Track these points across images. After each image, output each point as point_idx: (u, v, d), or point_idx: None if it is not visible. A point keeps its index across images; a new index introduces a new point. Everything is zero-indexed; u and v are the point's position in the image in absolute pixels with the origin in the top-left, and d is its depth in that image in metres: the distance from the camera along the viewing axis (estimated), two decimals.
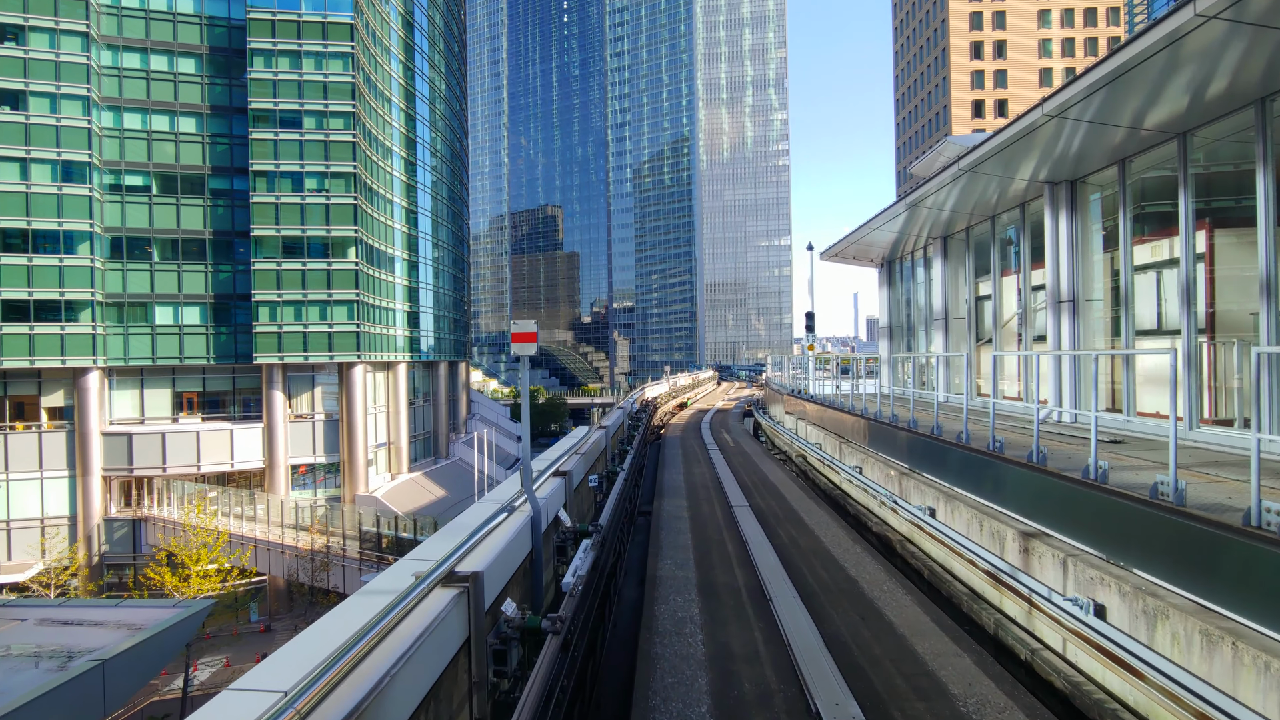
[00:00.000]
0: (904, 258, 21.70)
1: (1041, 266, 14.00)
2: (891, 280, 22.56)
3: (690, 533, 13.56)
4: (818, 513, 14.71)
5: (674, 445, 28.29)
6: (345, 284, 47.47)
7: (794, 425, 22.02)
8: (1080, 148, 11.02)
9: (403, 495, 51.19)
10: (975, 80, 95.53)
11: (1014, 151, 11.49)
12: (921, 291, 20.52)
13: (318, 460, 49.15)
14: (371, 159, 50.58)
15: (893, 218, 16.73)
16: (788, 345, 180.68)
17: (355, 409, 49.20)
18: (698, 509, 15.72)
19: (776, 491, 17.17)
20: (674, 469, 21.64)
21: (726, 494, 17.07)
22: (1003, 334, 16.08)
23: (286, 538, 37.58)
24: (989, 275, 16.94)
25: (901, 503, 11.77)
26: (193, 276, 46.87)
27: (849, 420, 15.69)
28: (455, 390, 72.45)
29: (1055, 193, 12.69)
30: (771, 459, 23.15)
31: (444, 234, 67.12)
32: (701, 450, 26.06)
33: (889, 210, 17.04)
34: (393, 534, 33.24)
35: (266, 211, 46.32)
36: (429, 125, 63.64)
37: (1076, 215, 12.04)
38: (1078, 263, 11.83)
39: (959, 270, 18.27)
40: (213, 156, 47.09)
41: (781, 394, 26.15)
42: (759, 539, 12.85)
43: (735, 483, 18.43)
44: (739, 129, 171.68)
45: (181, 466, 45.76)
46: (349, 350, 47.76)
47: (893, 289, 22.50)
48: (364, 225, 48.76)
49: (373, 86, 51.20)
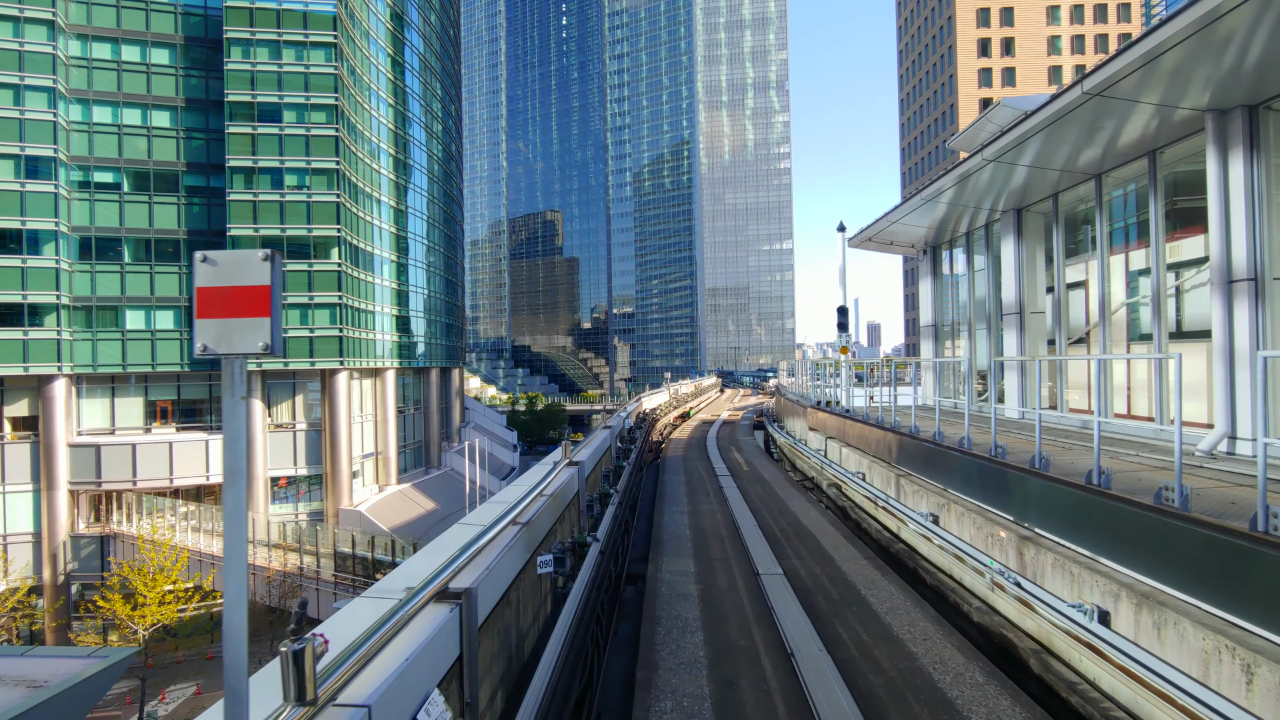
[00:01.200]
0: (954, 240, 17.98)
1: (1183, 235, 10.88)
2: (936, 269, 18.73)
3: (702, 629, 9.12)
4: (883, 586, 10.45)
5: (676, 468, 23.94)
6: (327, 286, 44.95)
7: (821, 445, 18.28)
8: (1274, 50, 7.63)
9: (389, 509, 48.54)
10: (983, 78, 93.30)
11: (1173, 63, 8.08)
12: (981, 281, 16.97)
13: (299, 472, 46.53)
14: (356, 155, 48.16)
15: (939, 193, 13.70)
16: (790, 351, 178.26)
17: (339, 418, 46.61)
18: (710, 580, 11.18)
19: (815, 544, 13.03)
20: (675, 505, 17.35)
21: (748, 549, 12.89)
22: (1110, 329, 12.68)
23: (258, 557, 34.91)
24: (1083, 255, 13.68)
25: (1037, 592, 7.57)
26: (166, 279, 44.35)
27: (910, 446, 12.12)
28: (448, 397, 69.90)
29: (1224, 125, 9.26)
30: (795, 487, 18.96)
31: (436, 236, 64.69)
32: (709, 475, 21.97)
33: (941, 182, 13.77)
34: (368, 555, 30.62)
35: (244, 210, 43.85)
36: (421, 124, 61.29)
37: (1260, 155, 8.61)
38: (1262, 223, 8.48)
39: (1036, 251, 15.05)
40: (188, 152, 44.67)
41: (801, 406, 22.49)
42: (810, 647, 8.34)
43: (757, 528, 14.43)
44: (740, 132, 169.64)
45: (153, 479, 43.15)
46: (331, 356, 45.21)
47: (937, 280, 18.73)
48: (348, 225, 46.29)
49: (358, 80, 48.83)
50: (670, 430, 41.60)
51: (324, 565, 32.40)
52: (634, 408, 34.10)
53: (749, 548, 12.92)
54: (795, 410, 24.57)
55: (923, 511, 10.84)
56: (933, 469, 11.01)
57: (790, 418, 26.43)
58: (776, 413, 34.17)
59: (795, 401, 25.13)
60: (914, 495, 11.25)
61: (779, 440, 26.30)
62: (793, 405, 25.59)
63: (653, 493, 19.60)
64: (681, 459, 26.57)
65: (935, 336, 18.68)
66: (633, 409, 32.40)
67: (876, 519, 13.00)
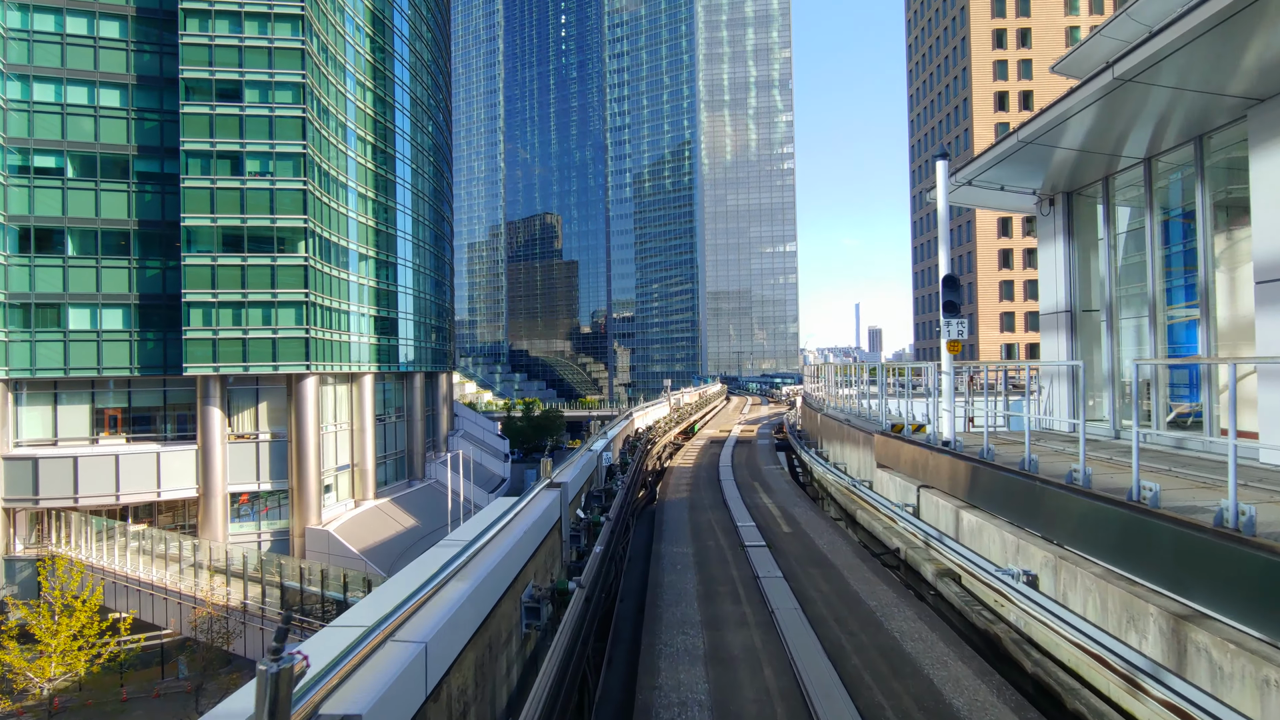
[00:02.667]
0: (1110, 180, 12.32)
1: None
2: (1073, 226, 13.02)
3: None
4: None
5: (678, 526, 15.83)
6: (292, 283, 40.74)
7: (908, 497, 11.64)
8: None
9: (362, 528, 44.22)
10: (998, 70, 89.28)
11: None
12: (1160, 241, 11.26)
13: (262, 488, 42.23)
14: (328, 140, 44.03)
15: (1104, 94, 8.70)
16: (793, 355, 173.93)
17: (306, 428, 42.33)
18: None
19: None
20: (679, 632, 9.38)
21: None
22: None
23: (200, 588, 30.58)
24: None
25: None
26: (114, 274, 40.18)
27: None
28: (435, 404, 65.63)
29: None
30: (872, 566, 11.90)
31: (423, 233, 60.53)
32: (732, 546, 13.77)
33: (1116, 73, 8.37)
34: (319, 590, 26.34)
35: (200, 198, 39.69)
36: (405, 113, 57.23)
37: None
38: None
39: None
40: (139, 135, 40.55)
41: (855, 429, 16.31)
42: None
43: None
44: (742, 131, 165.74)
45: (97, 496, 38.88)
46: (296, 360, 40.97)
47: (1076, 241, 13.04)
48: (317, 215, 42.11)
49: (330, 58, 44.75)
50: (671, 453, 34.04)
51: (272, 600, 28.08)
52: (622, 427, 24.81)
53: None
54: (844, 434, 18.21)
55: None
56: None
57: (835, 442, 19.71)
58: (807, 431, 26.98)
59: (842, 421, 18.66)
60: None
61: (824, 477, 18.66)
62: (838, 426, 19.17)
63: (641, 586, 11.62)
64: (687, 506, 18.61)
65: (1070, 327, 12.58)
66: (617, 432, 22.82)
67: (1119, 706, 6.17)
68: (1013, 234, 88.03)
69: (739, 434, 40.69)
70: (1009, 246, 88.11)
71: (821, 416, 22.76)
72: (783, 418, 45.27)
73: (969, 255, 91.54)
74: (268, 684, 2.99)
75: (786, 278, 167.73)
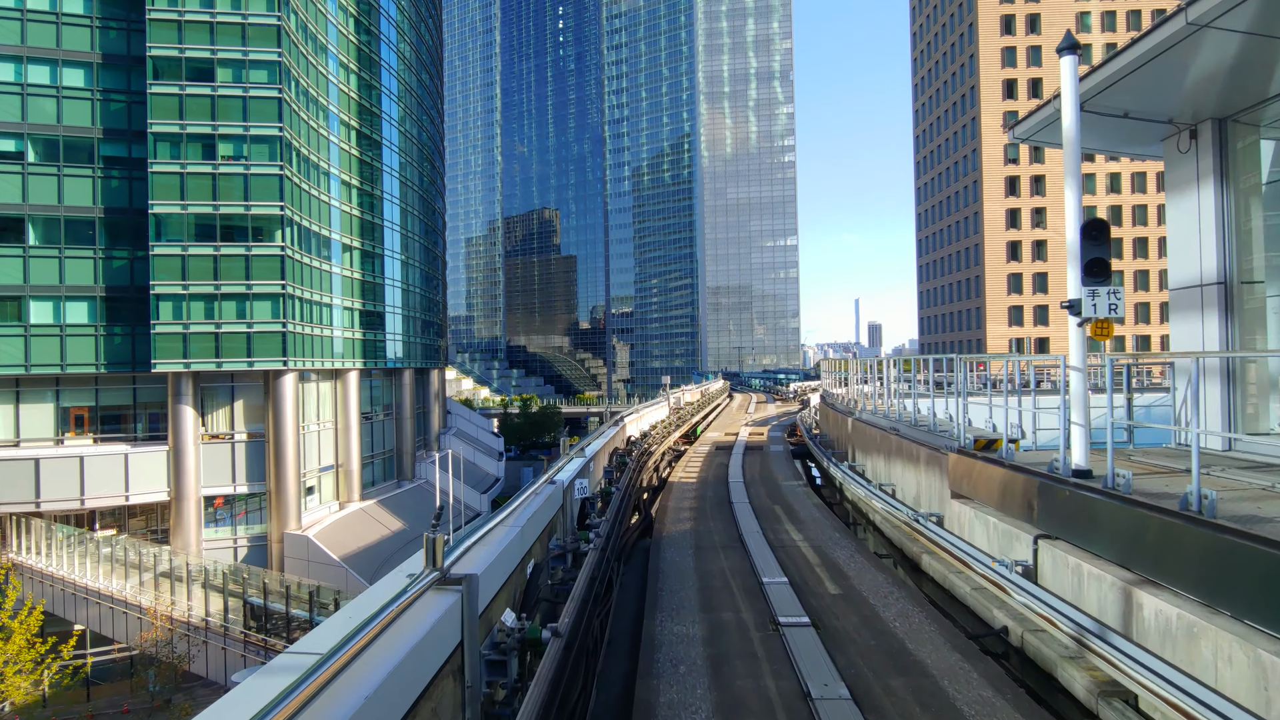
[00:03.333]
0: (1262, 114, 9.51)
1: None
2: (1228, 166, 9.75)
3: None
4: None
5: (681, 580, 11.81)
6: (269, 274, 38.43)
7: (1028, 552, 8.20)
8: None
9: (345, 532, 42.02)
10: (1007, 57, 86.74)
11: None
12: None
13: (239, 490, 40.00)
14: (307, 123, 41.67)
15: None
16: (794, 351, 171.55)
17: (285, 427, 40.08)
18: None
19: None
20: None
21: None
22: None
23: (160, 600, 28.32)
24: None
25: None
26: (79, 265, 37.86)
27: None
28: (426, 401, 63.39)
29: None
30: (1002, 684, 7.29)
31: (413, 224, 58.19)
32: (761, 622, 9.62)
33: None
34: (283, 608, 24.09)
35: (170, 184, 37.36)
36: (394, 98, 54.85)
37: None
38: None
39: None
40: (105, 117, 38.18)
41: (922, 447, 12.58)
42: None
43: None
44: (743, 124, 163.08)
45: (60, 500, 36.65)
46: (273, 355, 38.67)
47: (1232, 186, 9.85)
48: (295, 203, 39.78)
49: (310, 36, 42.36)
50: (671, 460, 29.69)
51: (235, 616, 25.83)
52: (604, 442, 19.58)
53: None
54: (890, 447, 14.88)
55: None
56: None
57: (876, 456, 16.32)
58: (832, 438, 22.92)
59: (886, 430, 15.27)
60: None
61: (866, 502, 14.98)
62: (880, 436, 15.82)
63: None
64: (691, 544, 14.37)
65: (1224, 304, 9.42)
66: (602, 444, 18.88)
67: None
68: (1021, 226, 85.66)
69: (747, 438, 36.77)
70: (1017, 239, 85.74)
71: (853, 422, 19.03)
72: (794, 418, 42.57)
73: (976, 248, 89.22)
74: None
75: (787, 272, 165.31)
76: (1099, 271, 7.31)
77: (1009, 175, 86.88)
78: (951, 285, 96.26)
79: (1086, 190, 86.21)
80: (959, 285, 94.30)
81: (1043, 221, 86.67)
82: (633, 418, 30.00)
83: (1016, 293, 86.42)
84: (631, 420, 29.15)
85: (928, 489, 12.41)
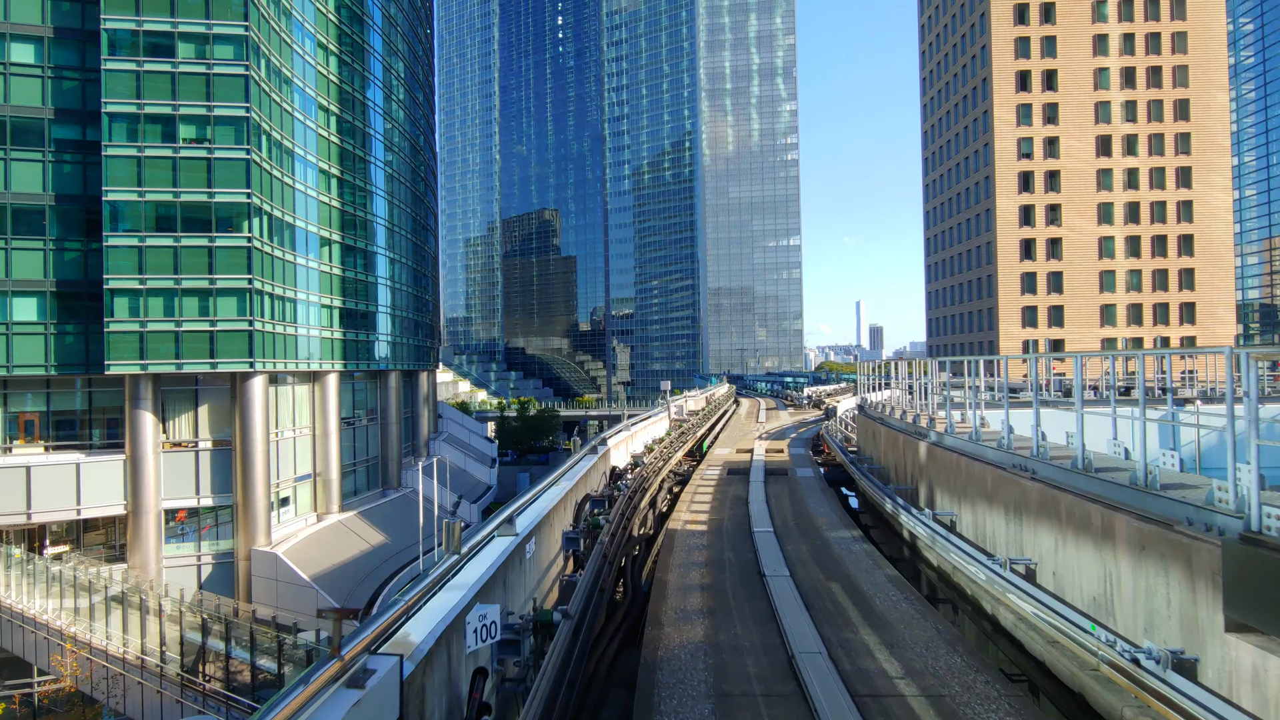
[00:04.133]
0: None
1: None
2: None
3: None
4: None
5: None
6: (234, 267, 35.29)
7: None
8: None
9: (319, 548, 38.81)
10: (1020, 48, 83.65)
11: None
12: None
13: (203, 503, 36.81)
14: (278, 104, 38.55)
15: None
16: (796, 353, 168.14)
17: (253, 434, 36.90)
18: None
19: None
20: None
21: None
22: None
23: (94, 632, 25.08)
24: None
25: None
26: (28, 256, 34.74)
27: None
28: (414, 405, 60.20)
29: None
30: None
31: (400, 218, 55.06)
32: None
33: None
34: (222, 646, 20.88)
35: (126, 169, 34.27)
36: (379, 85, 51.74)
37: None
38: None
39: None
40: (57, 96, 35.08)
41: (1133, 519, 7.84)
42: None
43: None
44: (744, 121, 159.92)
45: (4, 514, 33.46)
46: (239, 356, 35.51)
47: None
48: (264, 190, 36.65)
49: (284, 12, 39.25)
50: (675, 487, 25.20)
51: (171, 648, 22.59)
52: (575, 480, 14.68)
53: None
54: (1042, 505, 9.98)
55: None
56: None
57: (979, 504, 12.05)
58: (884, 467, 18.13)
59: (1010, 469, 10.77)
60: None
61: (992, 593, 10.65)
62: (997, 478, 11.26)
63: None
64: (707, 679, 9.13)
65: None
66: (587, 468, 14.91)
67: None
68: (1035, 223, 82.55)
69: (765, 457, 31.67)
70: (1031, 236, 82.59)
71: (928, 448, 13.98)
72: (815, 430, 38.45)
73: (987, 246, 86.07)
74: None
75: (790, 273, 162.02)
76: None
77: (1022, 170, 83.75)
78: (962, 285, 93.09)
79: (1103, 186, 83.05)
80: (970, 285, 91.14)
81: (1058, 218, 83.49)
82: (620, 438, 24.54)
83: (1030, 293, 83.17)
84: (618, 444, 23.52)
85: (1147, 596, 7.54)
